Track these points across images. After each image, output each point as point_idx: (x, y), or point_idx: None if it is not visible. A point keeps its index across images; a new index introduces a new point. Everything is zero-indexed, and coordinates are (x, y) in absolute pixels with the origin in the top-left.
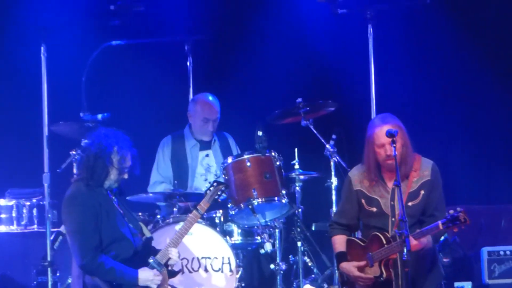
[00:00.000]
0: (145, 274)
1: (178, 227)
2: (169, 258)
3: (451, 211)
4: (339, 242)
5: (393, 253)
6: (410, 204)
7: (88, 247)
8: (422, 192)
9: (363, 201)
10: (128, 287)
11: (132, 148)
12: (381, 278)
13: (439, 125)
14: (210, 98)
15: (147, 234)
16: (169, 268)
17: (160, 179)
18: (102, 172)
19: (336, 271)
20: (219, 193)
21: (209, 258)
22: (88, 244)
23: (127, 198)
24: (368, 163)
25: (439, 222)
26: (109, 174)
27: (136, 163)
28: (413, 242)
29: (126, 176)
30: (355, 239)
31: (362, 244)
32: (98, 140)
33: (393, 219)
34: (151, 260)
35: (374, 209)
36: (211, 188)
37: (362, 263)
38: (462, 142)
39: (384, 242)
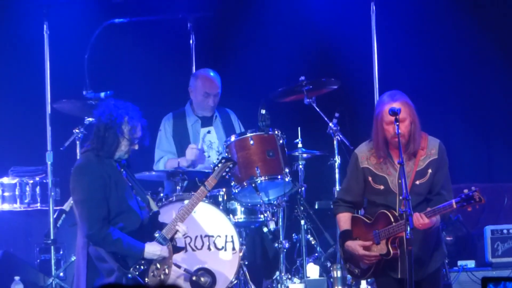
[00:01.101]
0: (151, 248)
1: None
2: (176, 232)
3: (466, 190)
4: (344, 220)
5: (401, 231)
6: (417, 182)
7: (97, 217)
8: (430, 170)
9: (369, 178)
10: (133, 259)
11: (142, 118)
12: (388, 256)
13: (442, 103)
14: (211, 73)
15: (154, 208)
16: (174, 243)
17: (162, 155)
18: (113, 142)
19: (339, 249)
20: (227, 169)
21: (213, 236)
22: (96, 213)
23: None
24: (376, 140)
25: (453, 201)
26: (120, 144)
27: (146, 133)
28: (425, 220)
29: (136, 147)
30: (360, 216)
31: (368, 221)
32: (108, 111)
33: (400, 197)
34: (156, 235)
35: (381, 187)
36: (219, 165)
37: (368, 243)
38: (464, 120)
39: (392, 220)
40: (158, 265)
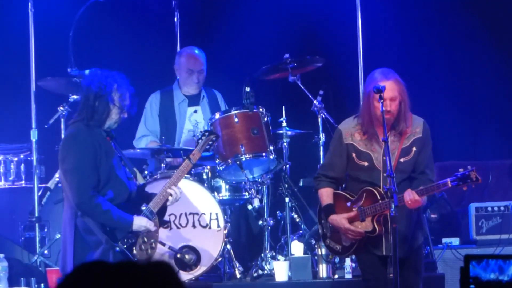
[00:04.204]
0: (139, 220)
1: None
2: (167, 200)
3: (461, 169)
4: (327, 194)
5: (387, 208)
6: (402, 160)
7: (87, 185)
8: (414, 148)
9: (353, 155)
10: (121, 232)
11: (130, 86)
12: (373, 234)
13: (426, 80)
14: (196, 51)
15: (141, 180)
16: (168, 203)
17: (146, 133)
18: (104, 110)
19: (318, 224)
20: (210, 142)
21: (197, 214)
22: (87, 182)
23: None
24: (367, 117)
25: (448, 180)
26: (110, 112)
27: (134, 101)
28: (416, 197)
29: (126, 114)
30: (342, 192)
31: (351, 198)
32: (97, 80)
33: (384, 174)
34: (143, 208)
35: (366, 164)
36: (203, 138)
37: (353, 213)
38: (449, 97)
39: (379, 197)
40: (145, 239)
